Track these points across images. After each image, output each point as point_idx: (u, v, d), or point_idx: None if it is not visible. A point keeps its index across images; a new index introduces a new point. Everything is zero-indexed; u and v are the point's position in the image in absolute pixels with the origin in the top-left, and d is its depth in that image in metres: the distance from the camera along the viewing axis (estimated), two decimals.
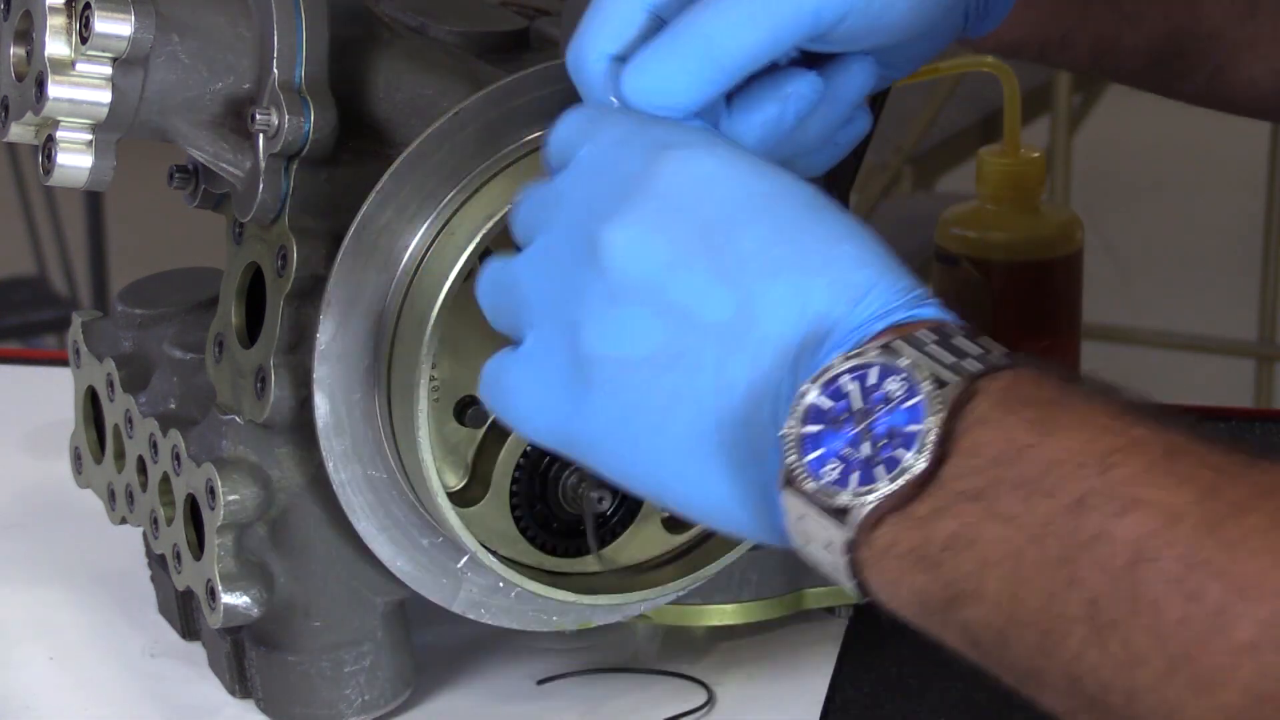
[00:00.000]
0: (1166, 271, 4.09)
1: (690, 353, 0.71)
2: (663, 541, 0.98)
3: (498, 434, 0.94)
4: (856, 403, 0.67)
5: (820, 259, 0.71)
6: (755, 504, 0.71)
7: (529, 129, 0.90)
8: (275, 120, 0.88)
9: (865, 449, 0.67)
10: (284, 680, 0.96)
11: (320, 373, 0.90)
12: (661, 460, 0.73)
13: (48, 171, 0.89)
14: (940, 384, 0.67)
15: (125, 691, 1.02)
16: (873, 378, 0.67)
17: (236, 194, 0.91)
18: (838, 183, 0.97)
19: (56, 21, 0.88)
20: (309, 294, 0.90)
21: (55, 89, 0.87)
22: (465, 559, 0.95)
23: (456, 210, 0.89)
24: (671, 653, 1.04)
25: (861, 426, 0.67)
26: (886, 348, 0.68)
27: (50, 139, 0.89)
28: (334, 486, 0.92)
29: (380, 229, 0.89)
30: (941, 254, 1.20)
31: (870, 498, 0.67)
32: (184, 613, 1.04)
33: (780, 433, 0.68)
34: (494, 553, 0.93)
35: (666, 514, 0.98)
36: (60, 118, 0.88)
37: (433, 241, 0.89)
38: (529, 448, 0.94)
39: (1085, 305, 1.22)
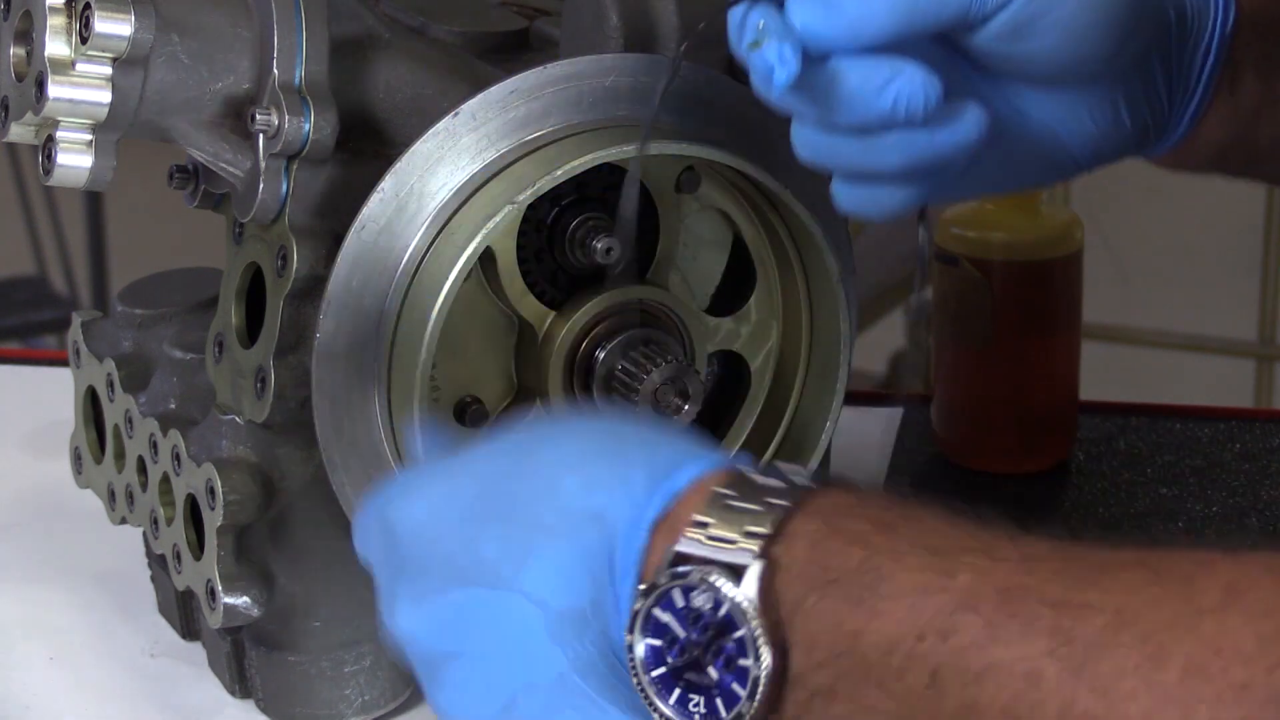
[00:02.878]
0: (1166, 271, 4.09)
1: (525, 673, 0.70)
2: None
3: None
4: (678, 629, 0.67)
5: (550, 515, 0.70)
6: None
7: (529, 129, 0.90)
8: (275, 120, 0.88)
9: (711, 673, 0.67)
10: (284, 680, 0.96)
11: (320, 373, 0.90)
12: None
13: (48, 171, 0.89)
14: (736, 574, 0.66)
15: (125, 691, 1.02)
16: (678, 598, 0.67)
17: (236, 194, 0.91)
18: None
19: (56, 21, 0.88)
20: (309, 294, 0.90)
21: (55, 89, 0.87)
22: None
23: (456, 210, 0.89)
24: None
25: (694, 656, 0.67)
26: (671, 566, 0.67)
27: (50, 139, 0.89)
28: (334, 486, 0.92)
29: (380, 229, 0.89)
30: (941, 254, 1.20)
31: (742, 717, 0.66)
32: (184, 613, 1.04)
33: (635, 687, 0.68)
34: None
35: None
36: (60, 118, 0.88)
37: (433, 241, 0.89)
38: None
39: (1085, 305, 1.22)
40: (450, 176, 0.90)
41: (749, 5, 0.80)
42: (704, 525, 0.67)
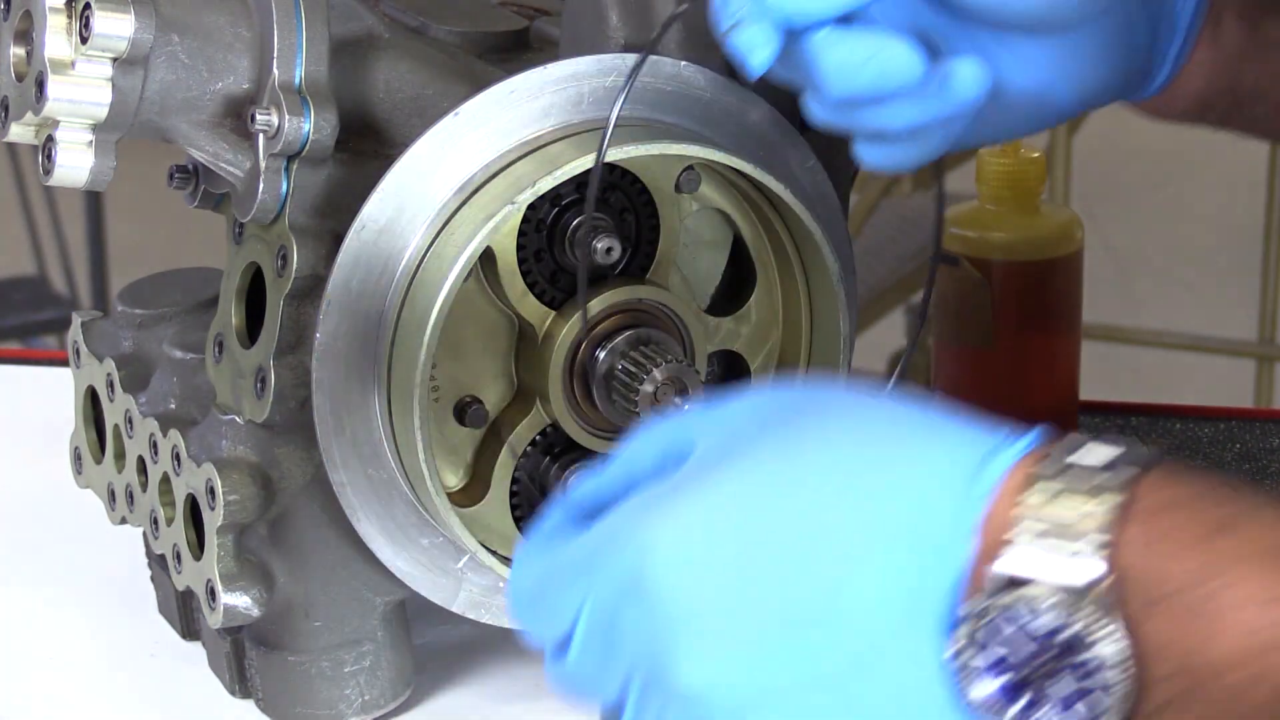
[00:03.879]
0: (1166, 272, 4.09)
1: (844, 701, 0.65)
2: None
3: (498, 434, 0.94)
4: (1016, 652, 0.63)
5: (854, 548, 0.65)
6: None
7: (529, 129, 0.90)
8: (275, 120, 0.88)
9: (1064, 686, 0.62)
10: (284, 680, 0.96)
11: (320, 373, 0.90)
12: None
13: (48, 171, 0.89)
14: (1078, 595, 0.62)
15: (125, 691, 1.02)
16: (1009, 623, 0.62)
17: (236, 194, 0.91)
18: (839, 184, 0.97)
19: (56, 21, 0.88)
20: (309, 294, 0.90)
21: (55, 89, 0.87)
22: (465, 559, 0.95)
23: (456, 210, 0.89)
24: None
25: (1040, 673, 0.63)
26: (1006, 586, 0.62)
27: (50, 139, 0.89)
28: (334, 486, 0.92)
29: (380, 229, 0.89)
30: (941, 254, 1.19)
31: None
32: (184, 613, 1.04)
33: (968, 704, 0.64)
34: (494, 553, 0.93)
35: None
36: (60, 118, 0.88)
37: (433, 241, 0.89)
38: (529, 447, 0.94)
39: (1085, 305, 1.22)
40: (450, 176, 0.90)
41: None
42: (1029, 538, 0.63)
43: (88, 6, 0.86)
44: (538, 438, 0.94)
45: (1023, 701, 0.63)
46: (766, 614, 0.65)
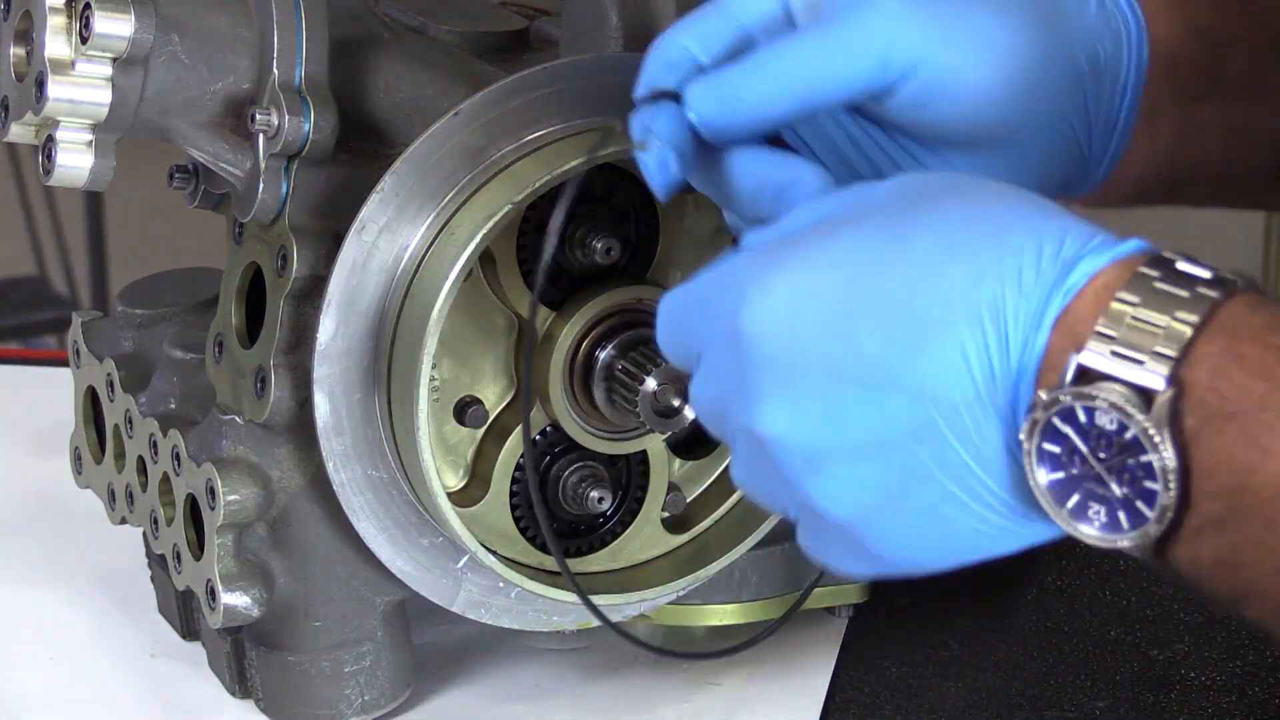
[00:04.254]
0: None
1: (912, 467, 0.69)
2: (663, 541, 0.98)
3: (498, 434, 0.94)
4: (1080, 444, 0.66)
5: (936, 311, 0.68)
6: (1039, 523, 0.70)
7: (529, 129, 0.90)
8: (275, 120, 0.88)
9: (1115, 488, 0.66)
10: (284, 680, 0.96)
11: (320, 373, 0.90)
12: (978, 544, 0.71)
13: (48, 171, 0.89)
14: (1145, 398, 0.65)
15: (125, 691, 1.02)
16: (1081, 414, 0.66)
17: (236, 194, 0.91)
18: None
19: (56, 21, 0.88)
20: (309, 294, 0.90)
21: (55, 89, 0.87)
22: (465, 559, 0.95)
23: (456, 210, 0.89)
24: None
25: (1097, 466, 0.66)
26: (1076, 378, 0.66)
27: (50, 139, 0.89)
28: (334, 486, 0.92)
29: (380, 229, 0.89)
30: None
31: (1144, 529, 0.66)
32: (184, 613, 1.04)
33: (1032, 487, 0.68)
34: (494, 553, 0.93)
35: (666, 515, 0.98)
36: (60, 118, 0.88)
37: (433, 241, 0.89)
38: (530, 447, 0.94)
39: None
40: (450, 176, 0.90)
41: (651, 101, 0.79)
42: (1109, 338, 0.66)
43: (88, 6, 0.86)
44: (538, 438, 0.94)
45: (1074, 500, 0.67)
46: (846, 372, 0.69)
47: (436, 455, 0.90)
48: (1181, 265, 0.67)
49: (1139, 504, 0.66)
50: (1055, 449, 0.67)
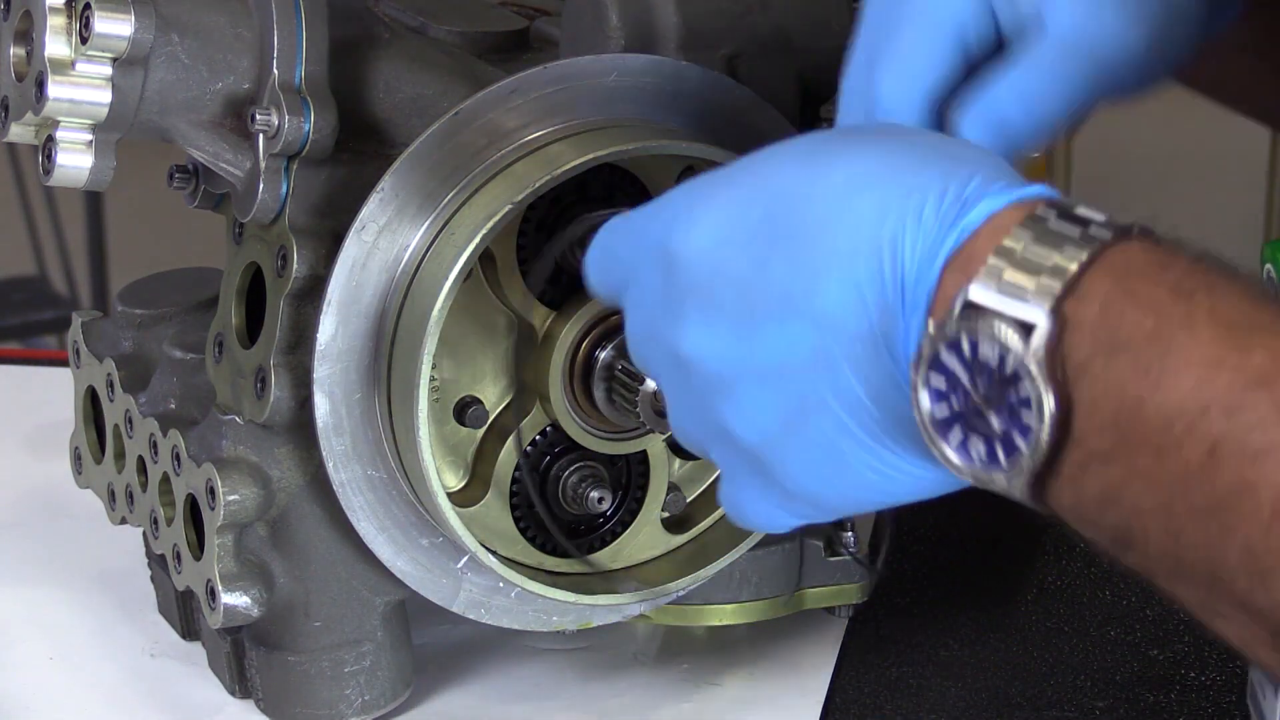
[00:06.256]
0: None
1: (810, 395, 0.72)
2: (663, 541, 0.98)
3: (498, 434, 0.94)
4: (963, 377, 0.67)
5: (843, 239, 0.70)
6: (945, 477, 0.72)
7: (529, 129, 0.90)
8: (275, 120, 0.88)
9: (994, 422, 0.67)
10: (284, 680, 0.96)
11: (320, 373, 0.90)
12: (869, 479, 0.73)
13: (48, 171, 0.89)
14: (1026, 331, 0.66)
15: (125, 691, 1.02)
16: (965, 346, 0.67)
17: (236, 194, 0.91)
18: None
19: (56, 21, 0.88)
20: (309, 294, 0.90)
21: (55, 89, 0.87)
22: (465, 559, 0.95)
23: (456, 210, 0.89)
24: (671, 653, 1.04)
25: (979, 399, 0.67)
26: (962, 311, 0.67)
27: (50, 139, 0.89)
28: (334, 486, 0.92)
29: (380, 229, 0.89)
30: None
31: (1021, 464, 0.67)
32: (184, 613, 1.04)
33: (917, 422, 0.69)
34: (494, 553, 0.93)
35: (666, 515, 0.98)
36: (60, 118, 0.88)
37: (433, 241, 0.89)
38: (529, 448, 0.94)
39: None
40: (450, 176, 0.90)
41: None
42: (997, 273, 0.67)
43: (88, 6, 0.86)
44: (538, 438, 0.94)
45: (956, 435, 0.68)
46: (758, 297, 0.72)
47: (436, 455, 0.90)
48: (1080, 210, 0.68)
49: (1016, 437, 0.66)
50: (941, 383, 0.68)
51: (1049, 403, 0.65)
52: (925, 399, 0.68)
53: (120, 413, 1.02)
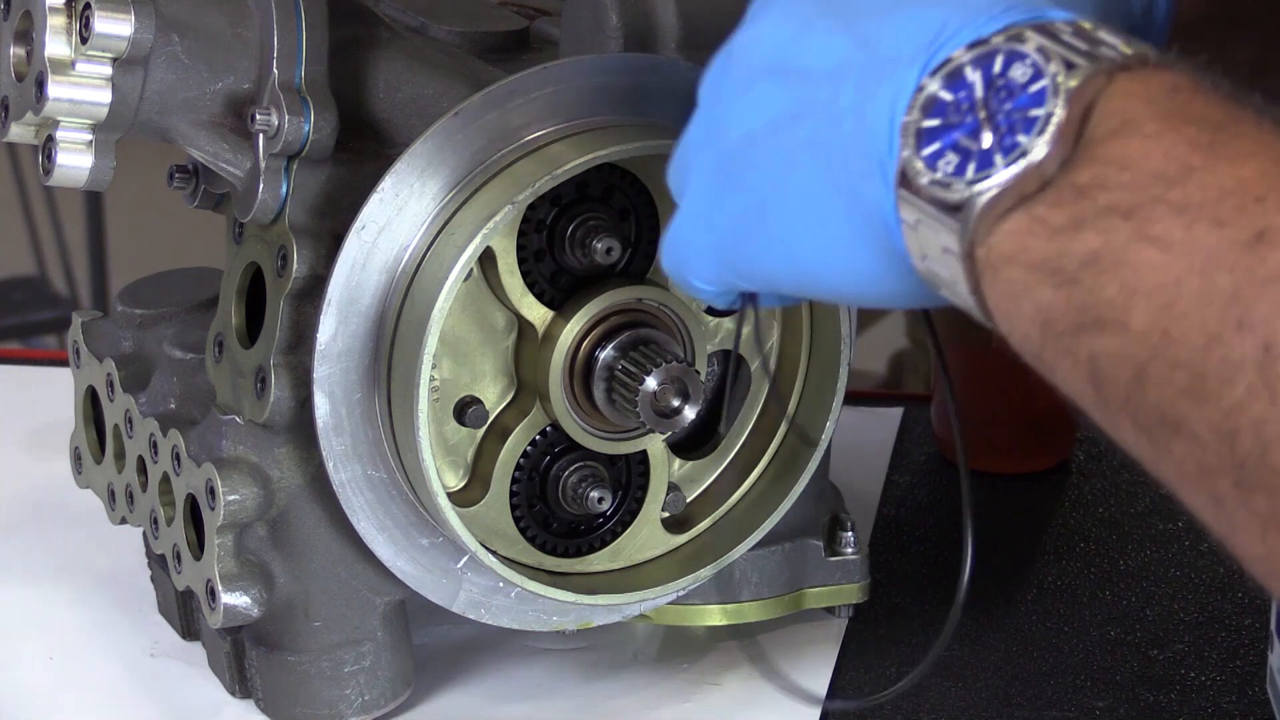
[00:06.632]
0: None
1: (809, 104, 0.69)
2: (663, 541, 0.98)
3: (498, 434, 0.94)
4: (978, 91, 0.63)
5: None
6: (880, 245, 0.67)
7: (529, 129, 0.90)
8: (275, 120, 0.88)
9: (986, 138, 0.63)
10: (284, 680, 0.96)
11: (320, 373, 0.90)
12: (790, 230, 0.70)
13: (48, 171, 0.89)
14: (1070, 66, 0.62)
15: (125, 691, 1.02)
16: (998, 65, 0.63)
17: (236, 194, 0.91)
18: None
19: (56, 21, 0.88)
20: (309, 294, 0.90)
21: (55, 89, 0.87)
22: (465, 559, 0.95)
23: (456, 210, 0.89)
24: (671, 653, 1.04)
25: (983, 115, 0.63)
26: (1015, 37, 0.64)
27: (50, 139, 0.89)
28: (334, 486, 0.92)
29: (380, 229, 0.89)
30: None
31: (985, 184, 0.62)
32: (184, 613, 1.04)
33: (899, 124, 0.65)
34: (494, 553, 0.93)
35: (666, 515, 0.98)
36: (60, 118, 0.88)
37: (433, 241, 0.89)
38: (529, 447, 0.94)
39: None
40: (450, 176, 0.90)
41: None
42: (1059, 33, 0.63)
43: (88, 6, 0.86)
44: (538, 438, 0.94)
45: (932, 147, 0.64)
46: (834, 6, 0.69)
47: (436, 455, 0.90)
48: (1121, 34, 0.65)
49: (997, 155, 0.62)
50: (949, 95, 0.64)
51: (1054, 129, 0.61)
52: (924, 96, 0.64)
53: (120, 413, 1.02)
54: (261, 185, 0.89)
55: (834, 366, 0.96)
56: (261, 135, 0.89)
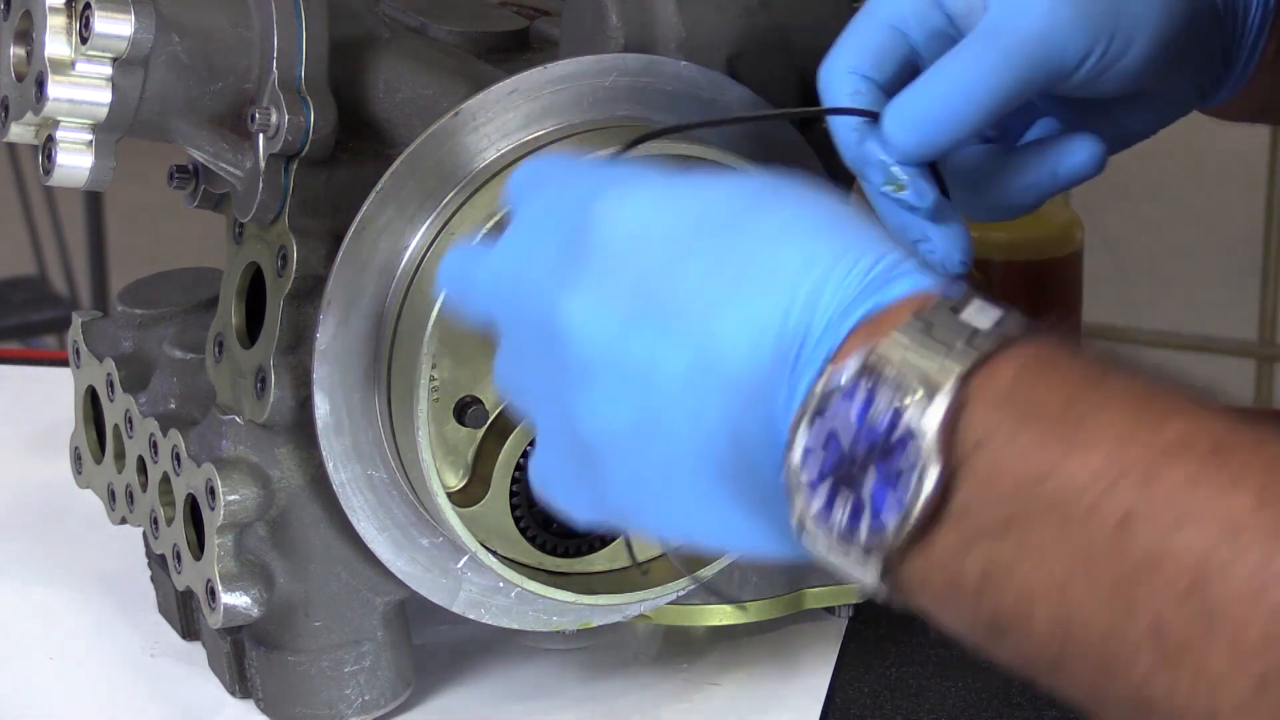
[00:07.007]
0: (1166, 271, 4.09)
1: (667, 412, 0.69)
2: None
3: (498, 434, 0.94)
4: (845, 436, 0.64)
5: (762, 275, 0.68)
6: (786, 537, 0.68)
7: (529, 129, 0.90)
8: (275, 120, 0.88)
9: (868, 486, 0.64)
10: (284, 680, 0.96)
11: (320, 373, 0.90)
12: (688, 517, 0.71)
13: (48, 171, 0.89)
14: (930, 392, 0.63)
15: (125, 691, 1.02)
16: (857, 404, 0.64)
17: (236, 194, 0.91)
18: (839, 186, 0.97)
19: (56, 21, 0.88)
20: (309, 294, 0.90)
21: (55, 89, 0.87)
22: (465, 559, 0.95)
23: (456, 210, 0.89)
24: (672, 653, 1.04)
25: (856, 463, 0.64)
26: (864, 366, 0.64)
27: (50, 139, 0.89)
28: (334, 486, 0.92)
29: (380, 229, 0.89)
30: None
31: (880, 537, 0.64)
32: (184, 613, 1.04)
33: (780, 480, 0.66)
34: (494, 553, 0.93)
35: None
36: (60, 118, 0.88)
37: (433, 241, 0.89)
38: (529, 446, 0.94)
39: (1085, 305, 1.22)
40: (450, 176, 0.90)
41: (861, 129, 0.85)
42: (910, 335, 0.64)
43: (88, 6, 0.86)
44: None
45: (821, 497, 0.65)
46: (660, 294, 0.69)
47: (436, 455, 0.90)
48: (999, 306, 0.66)
49: (885, 508, 0.63)
50: (821, 437, 0.65)
51: (932, 474, 0.62)
52: (799, 452, 0.65)
53: (120, 413, 1.02)
54: (261, 185, 0.89)
55: None
56: (261, 135, 0.89)
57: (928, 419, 0.63)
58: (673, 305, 0.69)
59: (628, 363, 0.69)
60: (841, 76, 0.85)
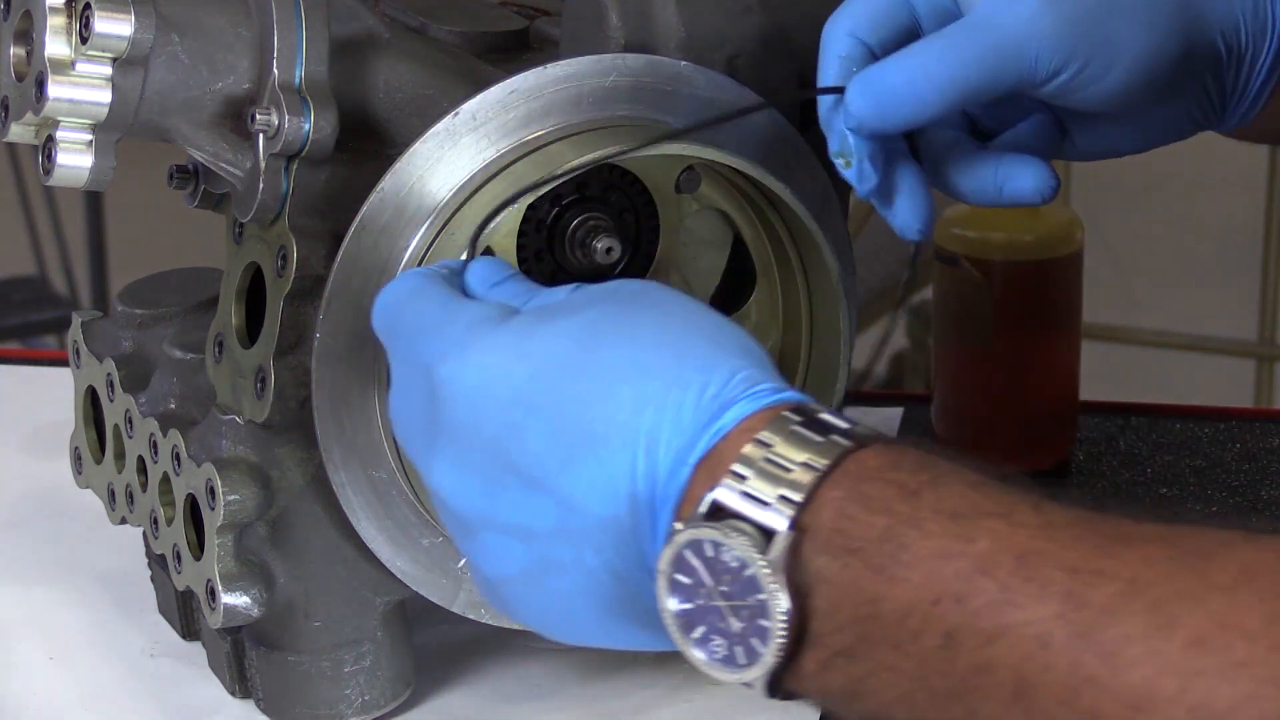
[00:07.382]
0: (1166, 271, 4.09)
1: (550, 558, 0.73)
2: None
3: None
4: (705, 577, 0.68)
5: (601, 426, 0.71)
6: (665, 641, 0.73)
7: (529, 129, 0.90)
8: (275, 120, 0.88)
9: (734, 623, 0.68)
10: (284, 680, 0.96)
11: (320, 373, 0.90)
12: (596, 635, 0.75)
13: (48, 171, 0.89)
14: (767, 538, 0.67)
15: (125, 691, 1.02)
16: (709, 549, 0.68)
17: (236, 194, 0.91)
18: (839, 184, 0.97)
19: (56, 21, 0.88)
20: (309, 294, 0.90)
21: (55, 89, 0.87)
22: (465, 559, 0.95)
23: (456, 210, 0.89)
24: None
25: (720, 603, 0.68)
26: (709, 512, 0.68)
27: (50, 139, 0.89)
28: (334, 486, 0.92)
29: (380, 229, 0.89)
30: (941, 254, 1.20)
31: (757, 672, 0.68)
32: (184, 613, 1.04)
33: (660, 612, 0.70)
34: None
35: None
36: (60, 118, 0.88)
37: (433, 241, 0.89)
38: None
39: (1085, 305, 1.22)
40: (450, 176, 0.90)
41: (835, 102, 0.86)
42: (740, 479, 0.68)
43: (88, 6, 0.86)
44: None
45: (699, 631, 0.69)
46: (510, 461, 0.72)
47: None
48: (824, 416, 0.69)
49: (754, 640, 0.68)
50: (685, 580, 0.69)
51: (784, 608, 0.67)
52: (669, 595, 0.69)
53: (120, 413, 1.02)
54: (261, 185, 0.89)
55: (834, 366, 0.96)
56: (261, 135, 0.89)
57: (771, 561, 0.67)
58: (527, 468, 0.72)
59: (502, 521, 0.73)
60: (838, 36, 0.87)
